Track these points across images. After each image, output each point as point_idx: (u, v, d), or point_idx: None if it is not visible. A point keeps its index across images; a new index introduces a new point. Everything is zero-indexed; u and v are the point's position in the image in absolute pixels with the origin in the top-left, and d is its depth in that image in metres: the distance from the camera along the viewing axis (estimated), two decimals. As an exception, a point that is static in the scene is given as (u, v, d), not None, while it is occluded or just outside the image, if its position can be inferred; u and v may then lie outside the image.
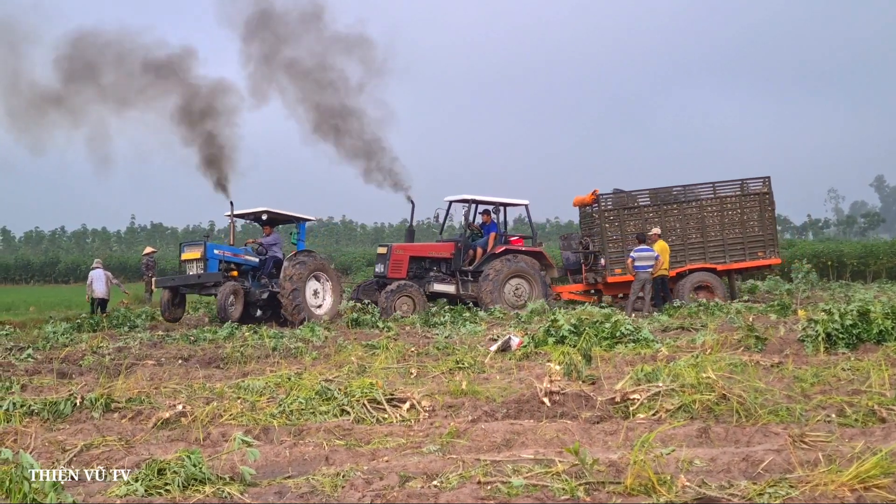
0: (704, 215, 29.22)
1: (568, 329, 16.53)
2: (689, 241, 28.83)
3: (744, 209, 29.43)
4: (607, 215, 28.92)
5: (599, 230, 29.00)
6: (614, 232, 28.79)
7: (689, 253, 28.75)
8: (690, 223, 29.05)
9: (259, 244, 28.04)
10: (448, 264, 29.09)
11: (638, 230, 28.47)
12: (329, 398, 11.15)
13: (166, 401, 11.86)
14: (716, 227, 29.11)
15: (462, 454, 8.65)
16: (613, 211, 28.97)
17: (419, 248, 29.22)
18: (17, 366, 16.98)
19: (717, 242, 28.98)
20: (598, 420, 10.18)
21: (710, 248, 28.89)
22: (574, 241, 31.19)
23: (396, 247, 28.73)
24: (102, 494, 7.50)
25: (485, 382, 12.92)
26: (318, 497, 7.41)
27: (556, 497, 7.06)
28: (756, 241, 29.46)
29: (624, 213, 28.91)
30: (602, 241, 28.82)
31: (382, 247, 29.73)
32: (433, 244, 29.90)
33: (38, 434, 10.14)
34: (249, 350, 18.03)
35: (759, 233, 29.51)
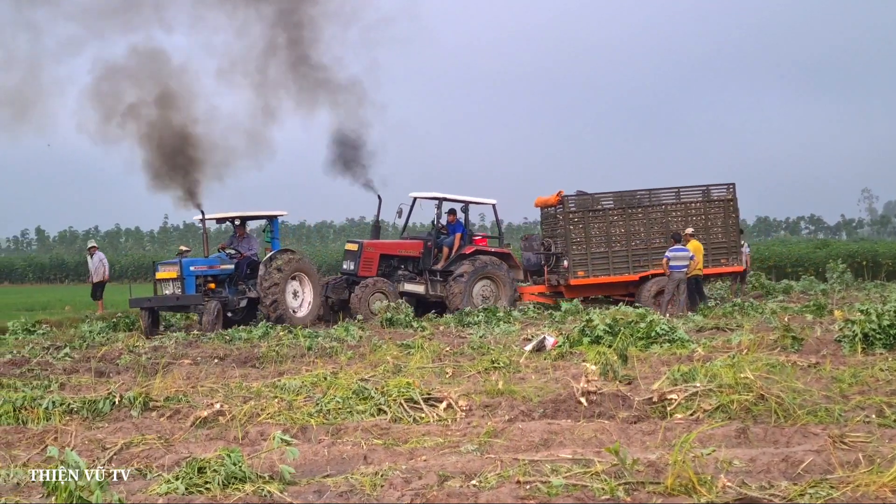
0: (668, 220, 28.67)
1: (603, 329, 16.48)
2: (653, 245, 28.52)
3: (708, 215, 28.99)
4: (571, 217, 28.32)
5: (563, 232, 28.46)
6: (578, 234, 28.15)
7: (652, 258, 28.44)
8: (654, 228, 28.52)
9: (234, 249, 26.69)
10: (416, 263, 28.30)
11: (602, 233, 28.19)
12: (366, 397, 11.17)
13: (204, 400, 11.92)
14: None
15: (500, 454, 8.65)
16: (578, 213, 28.36)
17: (390, 245, 28.57)
18: (54, 365, 17.09)
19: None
20: (635, 420, 10.16)
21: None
22: (535, 242, 30.45)
23: (367, 244, 27.79)
24: (143, 492, 7.55)
25: (521, 382, 12.91)
26: (358, 496, 7.43)
27: (597, 497, 7.06)
28: (719, 247, 28.93)
29: (588, 216, 28.33)
30: (566, 242, 28.18)
31: (352, 243, 28.70)
32: (403, 242, 29.06)
33: (79, 432, 10.22)
34: (285, 349, 18.05)
35: (723, 239, 28.98)
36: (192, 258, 25.79)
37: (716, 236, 28.91)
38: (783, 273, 45.04)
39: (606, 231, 28.15)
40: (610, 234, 28.14)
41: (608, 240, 28.09)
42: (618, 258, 28.03)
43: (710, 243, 28.56)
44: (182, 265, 24.67)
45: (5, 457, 9.45)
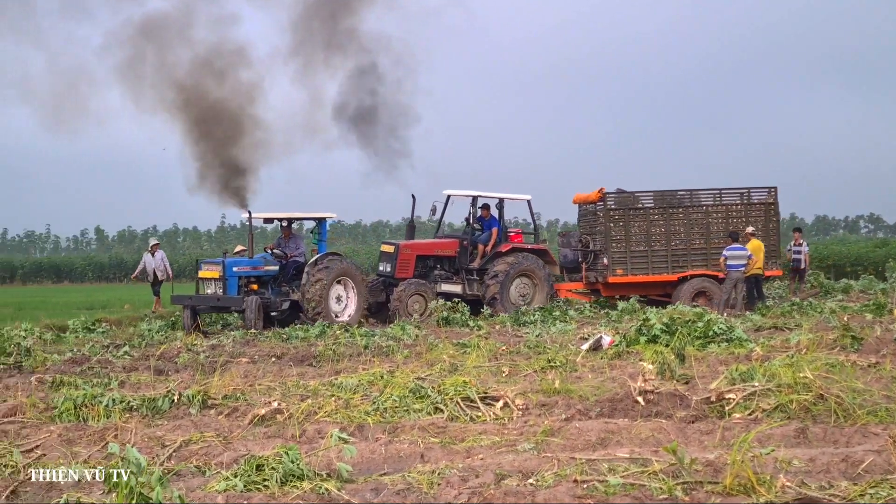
0: (709, 221, 28.60)
1: (660, 328, 16.40)
2: (693, 246, 28.33)
3: (749, 218, 28.73)
4: (612, 214, 28.20)
5: (603, 229, 28.26)
6: (618, 232, 28.03)
7: (691, 258, 28.27)
8: (695, 228, 28.41)
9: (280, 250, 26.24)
10: (452, 262, 27.88)
11: (642, 231, 28.14)
12: (422, 396, 11.19)
13: (261, 398, 11.99)
14: (719, 235, 28.27)
15: (557, 452, 8.64)
16: (618, 211, 28.24)
17: (425, 246, 28.10)
18: (114, 363, 17.25)
19: (719, 250, 28.20)
20: (693, 419, 10.12)
21: (712, 255, 28.14)
22: (573, 239, 30.27)
23: (404, 245, 27.33)
24: (202, 489, 7.60)
25: (577, 381, 12.88)
26: (415, 494, 7.44)
27: (654, 496, 7.03)
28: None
29: (629, 214, 28.23)
30: (605, 240, 28.05)
31: (388, 245, 28.25)
32: (438, 241, 28.56)
33: (138, 430, 10.30)
34: (341, 348, 18.11)
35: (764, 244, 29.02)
36: (235, 258, 25.53)
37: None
38: (842, 272, 44.55)
39: (647, 230, 28.10)
40: (650, 233, 28.07)
41: (648, 239, 28.00)
42: (657, 258, 27.97)
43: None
44: (225, 265, 24.44)
45: (67, 454, 9.55)
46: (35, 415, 11.55)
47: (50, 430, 10.47)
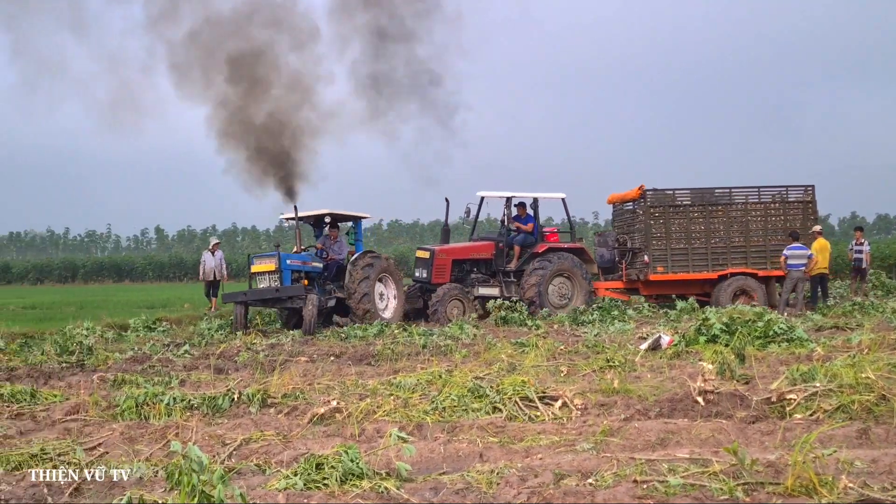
0: (748, 219, 28.50)
1: (719, 328, 16.31)
2: (733, 244, 28.18)
3: (787, 217, 28.73)
4: (653, 212, 28.16)
5: (644, 227, 28.20)
6: (658, 229, 28.02)
7: (731, 256, 28.12)
8: (734, 226, 28.33)
9: (321, 248, 26.30)
10: (488, 265, 27.72)
11: (682, 229, 28.07)
12: (481, 396, 11.19)
13: (320, 397, 12.02)
14: (759, 233, 28.37)
15: (616, 452, 8.61)
16: (658, 208, 28.21)
17: (461, 250, 27.80)
18: (175, 361, 17.40)
19: (759, 248, 28.22)
20: (753, 420, 10.05)
21: (752, 253, 28.20)
22: (610, 238, 30.08)
23: (440, 251, 27.15)
24: (263, 488, 7.64)
25: (636, 381, 12.83)
26: (474, 494, 7.44)
27: (715, 497, 6.99)
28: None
29: (669, 211, 28.18)
30: (646, 238, 28.01)
31: (423, 251, 28.04)
32: (474, 245, 28.22)
33: (199, 428, 10.38)
34: (400, 347, 18.16)
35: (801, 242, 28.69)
36: (288, 252, 25.57)
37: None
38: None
39: (686, 227, 28.09)
40: (690, 230, 27.99)
41: (688, 236, 27.97)
42: (697, 255, 27.87)
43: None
44: (280, 258, 24.40)
45: (129, 451, 9.64)
46: (97, 413, 11.67)
47: (112, 428, 10.57)
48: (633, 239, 28.96)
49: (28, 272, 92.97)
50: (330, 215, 26.14)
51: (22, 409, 12.23)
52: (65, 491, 8.19)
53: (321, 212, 25.99)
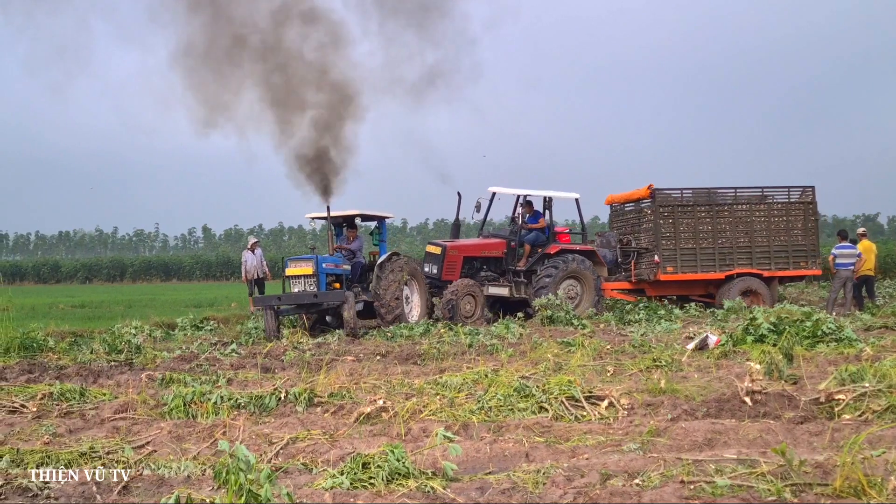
0: (753, 220, 28.40)
1: (767, 328, 16.21)
2: (738, 244, 28.06)
3: (789, 217, 28.64)
4: (662, 212, 27.93)
5: (653, 227, 27.96)
6: (668, 229, 27.78)
7: (737, 256, 27.99)
8: (739, 227, 28.24)
9: (347, 250, 25.10)
10: (498, 263, 26.94)
11: (690, 229, 27.86)
12: (527, 395, 11.18)
13: (367, 396, 12.04)
14: (763, 233, 28.30)
15: (663, 453, 8.59)
16: (668, 207, 27.99)
17: (472, 247, 26.97)
18: (222, 360, 17.48)
19: (763, 248, 28.15)
20: (801, 420, 9.99)
21: (757, 254, 28.10)
22: (612, 238, 29.41)
23: (451, 247, 26.33)
24: (309, 486, 7.67)
25: (683, 381, 12.77)
26: (520, 493, 7.44)
27: (763, 498, 6.96)
28: (799, 250, 28.63)
29: (678, 211, 27.99)
30: (656, 238, 27.76)
31: (434, 246, 27.11)
32: (485, 242, 27.39)
33: (246, 427, 10.42)
34: (446, 347, 18.14)
35: (803, 242, 28.70)
36: (324, 255, 24.46)
37: (795, 239, 28.47)
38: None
39: (695, 227, 27.87)
40: (698, 230, 27.83)
41: (696, 236, 27.78)
42: (705, 255, 27.75)
43: (791, 245, 28.18)
44: (318, 261, 23.57)
45: (176, 450, 9.70)
46: (145, 411, 11.76)
47: (160, 426, 10.65)
48: (639, 239, 28.75)
49: (77, 271, 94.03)
50: (360, 215, 25.53)
51: (71, 407, 12.33)
52: (114, 489, 8.26)
53: (351, 212, 25.28)
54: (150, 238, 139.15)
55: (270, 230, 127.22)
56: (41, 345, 19.93)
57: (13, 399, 12.71)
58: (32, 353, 19.24)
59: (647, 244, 28.28)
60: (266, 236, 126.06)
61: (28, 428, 10.97)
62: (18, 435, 10.66)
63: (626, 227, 29.75)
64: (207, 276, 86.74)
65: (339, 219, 25.40)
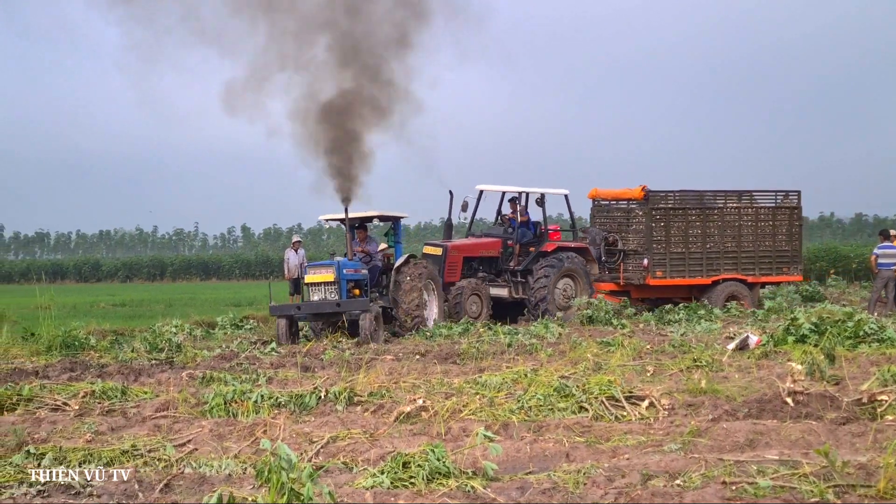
0: (741, 224, 27.92)
1: (809, 328, 16.11)
2: (725, 249, 27.55)
3: (775, 222, 28.23)
4: (654, 214, 27.26)
5: (644, 229, 27.23)
6: (659, 232, 27.12)
7: (723, 262, 27.47)
8: (728, 231, 27.73)
9: (365, 253, 23.66)
10: (493, 263, 26.07)
11: (680, 233, 27.30)
12: (567, 395, 11.16)
13: (406, 395, 12.05)
14: (749, 238, 27.82)
15: (704, 453, 8.56)
16: (660, 210, 27.30)
17: (471, 247, 26.09)
18: (262, 359, 17.55)
19: (749, 253, 27.70)
20: (844, 421, 9.91)
21: (742, 259, 27.66)
22: (596, 236, 28.10)
23: (452, 247, 25.34)
24: (350, 486, 7.69)
25: (724, 381, 12.72)
26: (561, 493, 7.43)
27: (805, 499, 6.92)
28: (782, 255, 28.24)
29: (670, 214, 27.33)
30: (647, 241, 27.05)
31: (434, 247, 25.98)
32: (482, 242, 26.50)
33: (286, 426, 10.46)
34: (485, 346, 18.12)
35: (786, 247, 28.29)
36: (344, 260, 22.85)
37: (780, 244, 28.18)
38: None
39: (685, 231, 27.29)
40: (688, 234, 27.29)
41: (686, 240, 27.22)
42: (693, 260, 27.23)
43: (776, 250, 28.01)
44: (339, 267, 22.12)
45: (217, 448, 9.75)
46: (186, 409, 11.82)
47: (201, 424, 10.70)
48: (627, 240, 27.89)
49: (118, 270, 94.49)
50: (379, 217, 24.37)
51: (113, 405, 12.41)
52: (155, 487, 8.30)
53: (370, 213, 24.06)
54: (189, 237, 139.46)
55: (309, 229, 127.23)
56: (83, 343, 20.08)
57: (56, 397, 12.80)
58: (74, 352, 19.39)
59: (637, 246, 27.54)
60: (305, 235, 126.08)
61: (70, 426, 11.05)
62: (61, 433, 10.75)
63: (612, 226, 28.69)
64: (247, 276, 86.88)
65: (356, 220, 23.93)
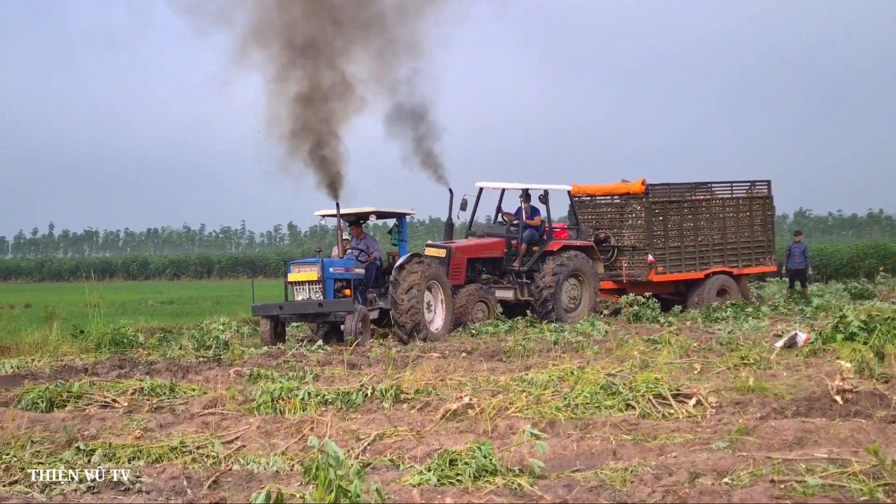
0: (725, 216, 27.74)
1: (858, 325, 15.98)
2: (714, 241, 27.30)
3: (752, 212, 28.07)
4: (654, 209, 26.75)
5: (645, 224, 26.65)
6: (659, 227, 26.65)
7: (713, 255, 27.20)
8: (714, 223, 27.49)
9: (360, 251, 22.66)
10: (497, 264, 25.14)
11: (676, 227, 26.84)
12: (613, 392, 11.13)
13: (452, 393, 12.06)
14: (732, 230, 27.60)
15: (752, 452, 8.51)
16: (660, 204, 26.82)
17: (475, 248, 24.93)
18: (308, 356, 17.61)
19: (732, 245, 27.50)
20: (893, 419, 9.84)
21: (727, 251, 27.43)
22: (586, 233, 26.77)
23: (456, 248, 24.23)
24: (397, 483, 7.71)
25: (772, 379, 12.63)
26: (608, 491, 7.42)
27: (855, 498, 6.88)
28: (759, 246, 28.13)
29: (668, 208, 26.90)
30: (648, 236, 26.47)
31: (437, 248, 24.62)
32: (486, 242, 25.38)
33: (333, 423, 10.49)
34: (531, 344, 18.09)
35: (761, 238, 28.16)
36: (331, 258, 22.31)
37: (756, 234, 28.08)
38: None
39: (680, 225, 26.94)
40: (683, 228, 26.95)
41: (681, 234, 26.87)
42: (688, 254, 26.91)
43: (752, 241, 27.96)
44: (323, 265, 21.33)
45: (265, 445, 9.80)
46: (234, 406, 11.88)
47: (249, 421, 10.75)
48: (622, 236, 27.21)
49: (165, 267, 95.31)
50: (375, 213, 23.30)
51: (161, 402, 12.51)
52: (203, 483, 8.36)
53: (366, 209, 22.95)
54: (236, 235, 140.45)
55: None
56: (131, 340, 20.25)
57: (105, 394, 12.93)
58: (123, 349, 19.57)
59: (635, 242, 26.92)
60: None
61: (119, 422, 11.14)
62: (110, 429, 10.84)
63: (603, 222, 27.92)
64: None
65: (353, 217, 23.03)
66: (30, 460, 9.33)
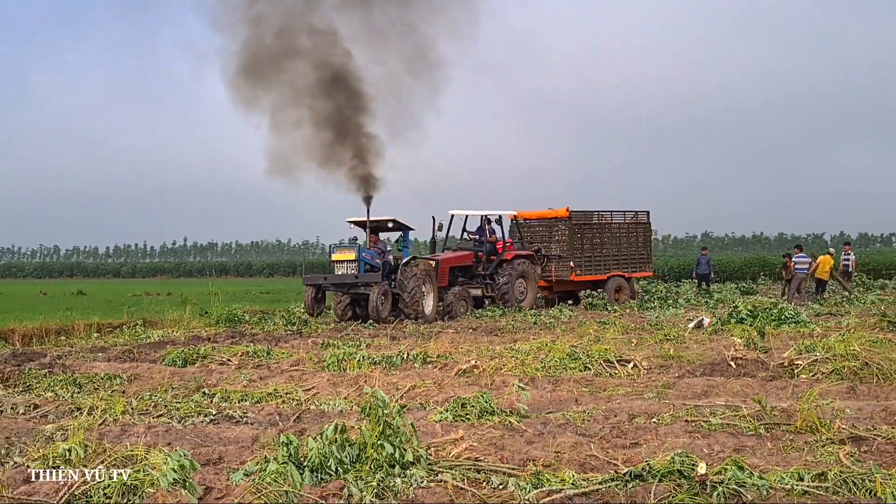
0: (619, 235, 27.54)
1: (746, 313, 15.96)
2: (612, 253, 27.08)
3: (638, 234, 27.99)
4: (575, 228, 26.64)
5: (568, 239, 26.33)
6: (577, 241, 26.51)
7: (611, 262, 26.99)
8: (612, 240, 27.31)
9: (379, 250, 21.73)
10: (467, 270, 24.39)
11: (586, 241, 26.67)
12: (576, 358, 11.09)
13: (463, 357, 12.03)
14: (624, 245, 27.47)
15: (672, 400, 8.52)
16: (578, 225, 26.68)
17: (454, 259, 24.08)
18: (363, 331, 17.61)
19: (624, 256, 27.36)
20: (771, 379, 9.80)
21: (622, 260, 27.26)
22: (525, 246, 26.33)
23: (443, 259, 23.33)
24: (425, 420, 7.70)
25: (686, 350, 12.58)
26: (572, 427, 7.39)
27: (744, 432, 6.86)
28: (641, 258, 27.91)
29: (584, 227, 26.80)
30: (570, 248, 26.25)
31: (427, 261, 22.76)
32: (461, 255, 24.51)
33: (380, 377, 10.48)
34: (518, 324, 18.08)
35: (643, 252, 27.99)
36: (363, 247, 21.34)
37: (640, 249, 27.95)
38: (879, 274, 42.79)
39: (591, 240, 26.80)
40: (593, 242, 26.83)
41: (592, 247, 26.72)
42: (597, 261, 26.75)
43: (637, 254, 27.79)
44: (359, 249, 20.80)
45: (333, 392, 9.81)
46: (311, 365, 11.89)
47: (322, 376, 10.75)
48: (550, 248, 26.89)
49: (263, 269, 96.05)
50: (393, 221, 22.20)
51: (261, 362, 12.52)
52: (290, 418, 8.37)
53: (386, 217, 22.00)
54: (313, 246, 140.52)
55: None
56: (240, 319, 20.31)
57: (222, 355, 12.95)
58: (234, 325, 19.59)
59: (560, 252, 26.65)
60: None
61: (232, 375, 11.15)
62: (226, 380, 10.86)
63: (536, 238, 27.47)
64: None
65: (375, 223, 21.92)
66: (170, 400, 9.36)
